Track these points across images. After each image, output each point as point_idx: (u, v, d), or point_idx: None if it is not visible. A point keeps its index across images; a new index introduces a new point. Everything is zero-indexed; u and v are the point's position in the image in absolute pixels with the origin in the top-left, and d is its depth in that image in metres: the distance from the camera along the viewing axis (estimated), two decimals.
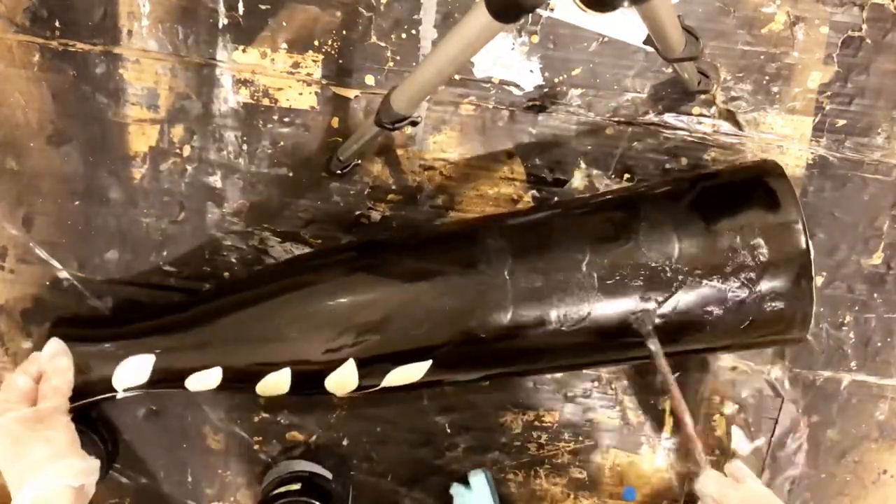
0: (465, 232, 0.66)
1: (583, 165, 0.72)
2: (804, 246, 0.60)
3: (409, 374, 0.63)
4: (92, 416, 0.74)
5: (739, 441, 0.75)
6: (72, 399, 0.64)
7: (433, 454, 0.75)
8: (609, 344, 0.63)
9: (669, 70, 0.70)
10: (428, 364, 0.63)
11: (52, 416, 0.61)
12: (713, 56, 0.70)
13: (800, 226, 0.60)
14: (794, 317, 0.61)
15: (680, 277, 0.60)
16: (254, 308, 0.64)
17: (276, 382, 0.64)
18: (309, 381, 0.64)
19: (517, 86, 0.71)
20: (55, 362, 0.64)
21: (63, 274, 0.74)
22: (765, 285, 0.60)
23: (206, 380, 0.65)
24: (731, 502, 0.62)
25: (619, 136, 0.71)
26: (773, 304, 0.60)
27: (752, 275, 0.60)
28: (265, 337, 0.63)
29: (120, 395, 0.66)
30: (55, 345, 0.65)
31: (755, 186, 0.62)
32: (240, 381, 0.65)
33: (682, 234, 0.61)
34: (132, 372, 0.65)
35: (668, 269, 0.60)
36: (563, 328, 0.61)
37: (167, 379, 0.65)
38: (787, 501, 0.76)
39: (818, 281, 0.73)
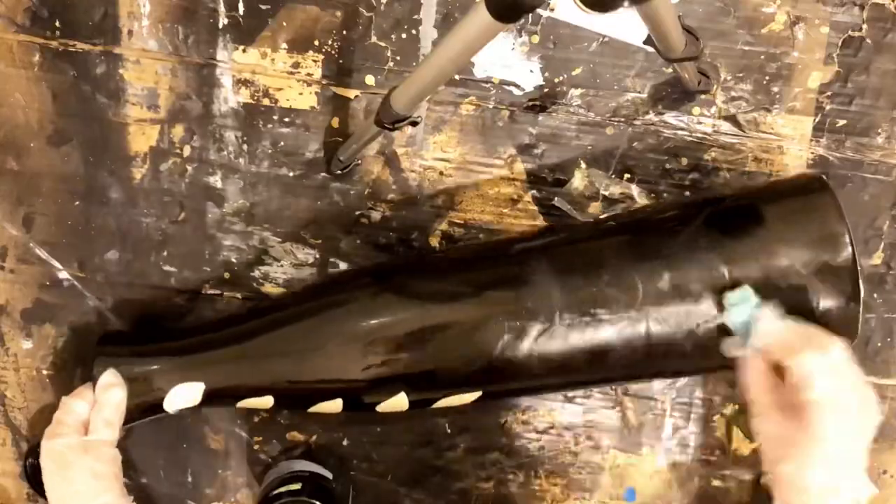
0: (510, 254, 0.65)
1: (583, 165, 0.72)
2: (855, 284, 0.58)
3: (460, 399, 0.64)
4: None
5: (740, 441, 0.75)
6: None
7: (433, 454, 0.75)
8: (661, 359, 0.62)
9: (669, 70, 0.70)
10: (478, 394, 0.64)
11: (99, 449, 0.61)
12: (713, 56, 0.70)
13: (849, 263, 0.58)
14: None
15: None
16: (306, 337, 0.64)
17: (328, 406, 0.65)
18: (360, 407, 0.65)
19: (517, 86, 0.71)
20: (109, 394, 0.63)
21: (63, 274, 0.74)
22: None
23: (258, 404, 0.65)
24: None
25: (619, 136, 0.71)
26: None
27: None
28: (316, 369, 0.63)
29: (172, 413, 0.66)
30: (110, 377, 0.64)
31: (801, 211, 0.60)
32: (292, 406, 0.69)
33: (730, 262, 0.59)
34: (183, 396, 0.65)
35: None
36: (617, 347, 0.60)
37: (219, 402, 0.66)
38: None
39: None
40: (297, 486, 0.68)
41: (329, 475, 0.71)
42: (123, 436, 0.64)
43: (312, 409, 0.65)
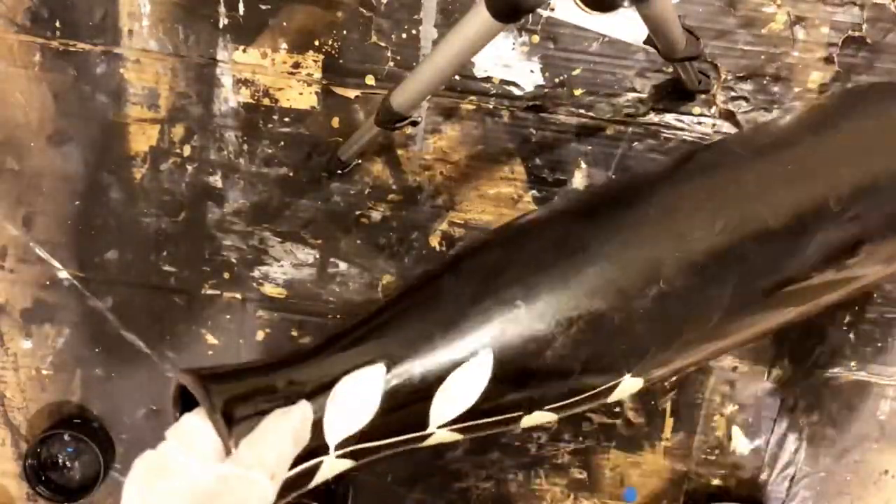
0: None
1: (583, 165, 0.72)
2: None
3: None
4: (93, 425, 0.74)
5: (739, 440, 0.75)
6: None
7: (433, 454, 0.75)
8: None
9: (670, 70, 0.70)
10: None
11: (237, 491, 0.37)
12: (713, 56, 0.70)
13: None
14: None
15: None
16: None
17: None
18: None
19: (517, 86, 0.71)
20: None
21: (63, 274, 0.74)
22: None
23: (467, 383, 0.45)
24: None
25: (619, 136, 0.71)
26: None
27: None
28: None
29: (331, 460, 0.42)
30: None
31: None
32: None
33: None
34: (350, 403, 0.42)
35: None
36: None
37: (407, 403, 0.44)
38: (786, 500, 0.76)
39: None
40: None
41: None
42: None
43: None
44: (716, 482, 0.76)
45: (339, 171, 0.71)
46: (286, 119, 0.71)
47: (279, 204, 0.73)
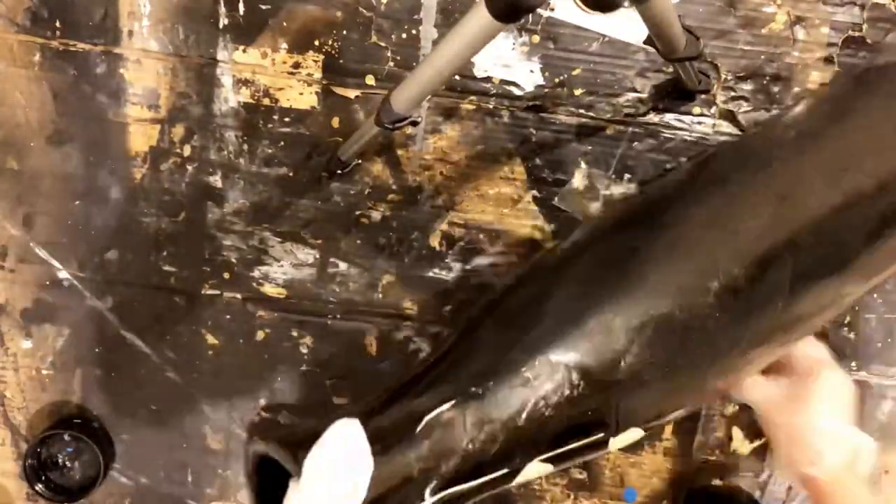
0: None
1: (583, 165, 0.72)
2: None
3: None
4: (93, 425, 0.74)
5: (740, 440, 0.75)
6: None
7: None
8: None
9: (670, 70, 0.70)
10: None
11: None
12: (713, 56, 0.70)
13: None
14: None
15: None
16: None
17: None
18: None
19: (517, 86, 0.71)
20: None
21: (63, 274, 0.74)
22: None
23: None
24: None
25: (619, 136, 0.71)
26: None
27: None
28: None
29: None
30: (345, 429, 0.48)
31: None
32: None
33: None
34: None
35: None
36: None
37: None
38: (786, 500, 0.76)
39: None
40: None
41: None
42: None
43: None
44: (716, 482, 0.76)
45: (339, 171, 0.71)
46: (286, 119, 0.71)
47: (279, 204, 0.73)
